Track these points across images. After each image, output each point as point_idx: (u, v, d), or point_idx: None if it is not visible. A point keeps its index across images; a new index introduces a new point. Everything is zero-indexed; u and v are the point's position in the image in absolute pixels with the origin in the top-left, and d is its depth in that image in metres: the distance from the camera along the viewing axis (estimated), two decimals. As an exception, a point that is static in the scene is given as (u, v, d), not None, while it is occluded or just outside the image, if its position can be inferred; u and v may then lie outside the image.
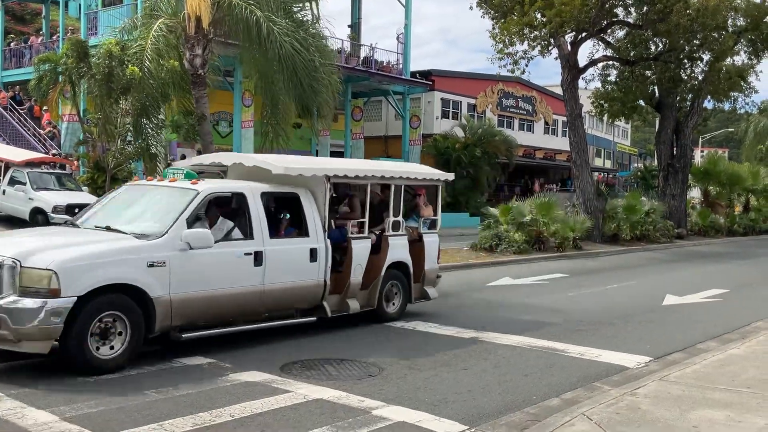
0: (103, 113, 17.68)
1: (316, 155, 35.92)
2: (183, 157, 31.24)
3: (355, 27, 40.85)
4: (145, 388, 6.98)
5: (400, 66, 38.99)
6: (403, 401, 6.88)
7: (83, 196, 19.52)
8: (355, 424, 6.16)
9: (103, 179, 19.19)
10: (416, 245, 11.41)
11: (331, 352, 8.83)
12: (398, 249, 10.95)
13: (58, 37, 32.02)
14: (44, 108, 28.34)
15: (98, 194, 17.06)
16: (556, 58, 27.80)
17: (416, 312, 11.72)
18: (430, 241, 11.70)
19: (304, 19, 17.54)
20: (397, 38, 39.49)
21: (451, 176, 12.11)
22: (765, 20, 30.88)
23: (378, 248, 10.63)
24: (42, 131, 28.61)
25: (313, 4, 18.79)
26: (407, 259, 11.11)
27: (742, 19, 30.78)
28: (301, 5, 18.42)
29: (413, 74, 40.96)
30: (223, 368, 7.87)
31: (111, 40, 16.80)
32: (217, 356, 8.35)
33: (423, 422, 6.28)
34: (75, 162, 24.43)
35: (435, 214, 11.95)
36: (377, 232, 10.72)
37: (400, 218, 11.00)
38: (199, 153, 26.92)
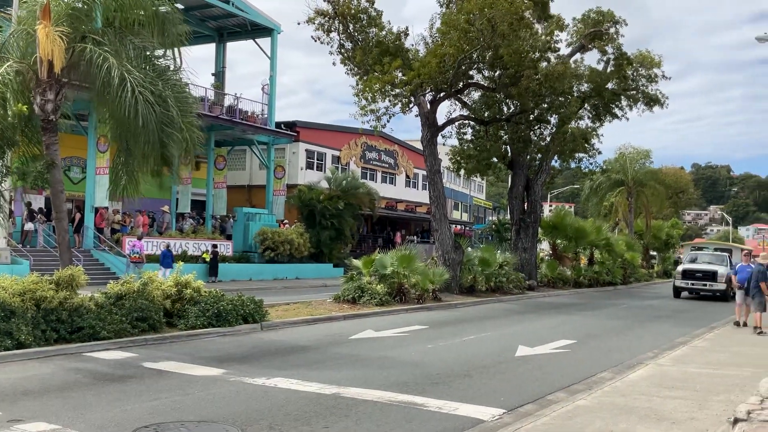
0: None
1: (176, 204, 34.96)
2: (29, 204, 29.49)
3: (219, 75, 40.57)
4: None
5: (265, 116, 39.02)
6: (263, 465, 6.71)
7: None
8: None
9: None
10: None
11: (189, 413, 8.48)
12: None
13: None
14: None
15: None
16: (416, 116, 28.86)
17: (279, 367, 11.56)
18: None
19: (165, 66, 17.12)
20: (262, 89, 39.61)
21: None
22: (606, 86, 33.85)
23: None
24: None
25: (176, 51, 18.40)
26: None
27: (586, 85, 33.55)
28: (163, 52, 17.99)
29: (278, 125, 41.11)
30: (68, 436, 7.36)
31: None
32: (64, 421, 7.80)
33: (283, 486, 6.15)
34: None
35: None
36: None
37: None
38: (48, 200, 25.39)
